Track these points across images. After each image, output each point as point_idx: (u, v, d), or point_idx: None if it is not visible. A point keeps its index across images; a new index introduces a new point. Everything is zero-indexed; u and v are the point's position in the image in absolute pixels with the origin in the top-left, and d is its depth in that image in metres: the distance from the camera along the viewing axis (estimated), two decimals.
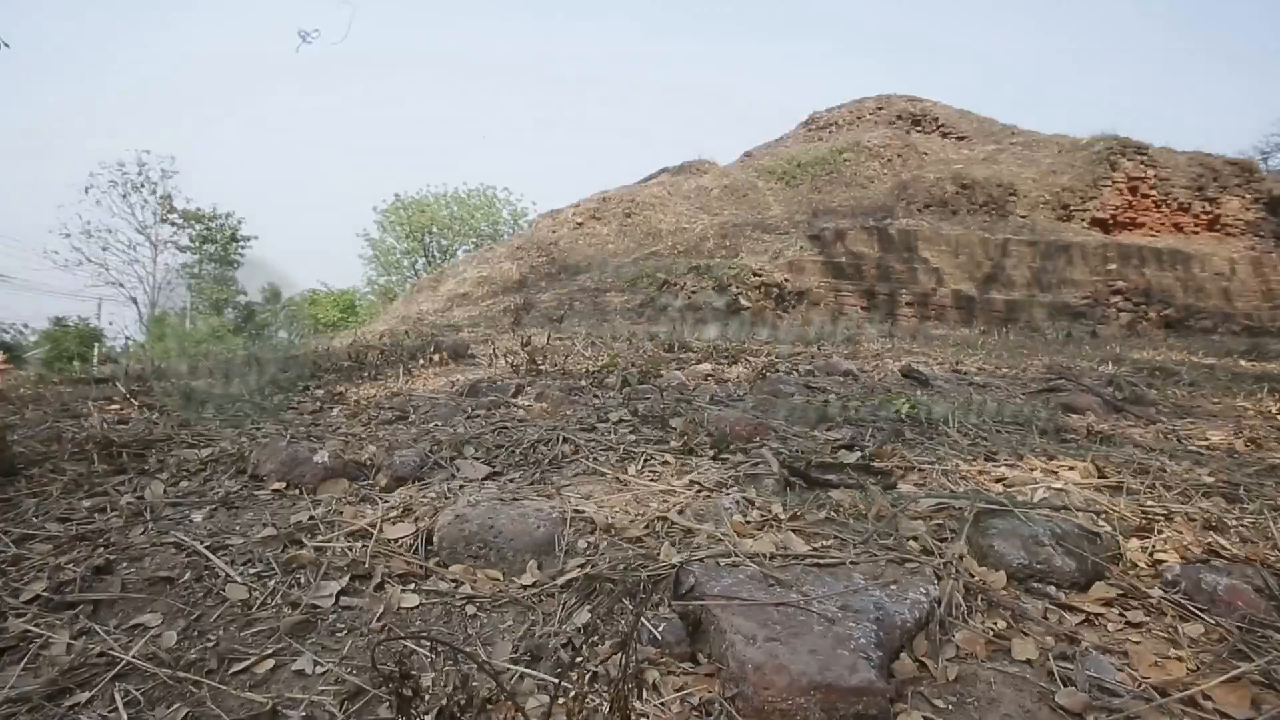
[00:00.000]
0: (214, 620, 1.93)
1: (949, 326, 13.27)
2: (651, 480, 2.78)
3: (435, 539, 2.31)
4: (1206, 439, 3.80)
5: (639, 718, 1.53)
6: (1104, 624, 1.99)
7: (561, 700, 1.11)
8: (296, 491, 2.89)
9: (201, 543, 2.29)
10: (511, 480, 2.88)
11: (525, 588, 2.07)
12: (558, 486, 2.73)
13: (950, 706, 1.66)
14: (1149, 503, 2.59)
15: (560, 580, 2.07)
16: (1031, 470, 2.91)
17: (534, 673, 1.70)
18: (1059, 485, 2.68)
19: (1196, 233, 18.99)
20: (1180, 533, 2.38)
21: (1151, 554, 2.30)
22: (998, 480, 2.81)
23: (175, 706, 1.59)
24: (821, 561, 2.10)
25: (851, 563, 2.11)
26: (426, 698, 1.03)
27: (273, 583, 2.11)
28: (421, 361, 5.87)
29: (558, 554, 2.23)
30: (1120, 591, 2.10)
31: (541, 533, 2.29)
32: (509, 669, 1.72)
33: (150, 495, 2.81)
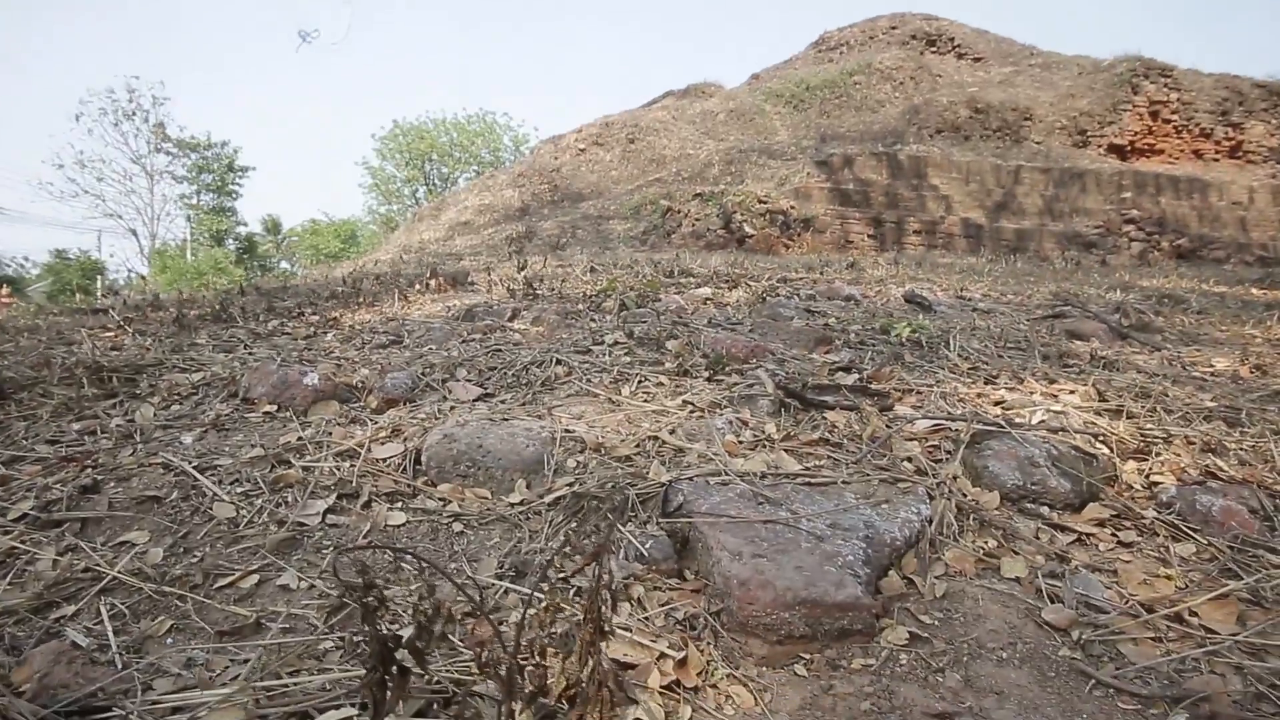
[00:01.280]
0: (200, 537, 1.93)
1: (956, 255, 13.04)
2: (645, 401, 2.74)
3: (423, 459, 2.29)
4: (1211, 365, 3.74)
5: (620, 630, 1.53)
6: (1095, 544, 1.98)
7: (534, 611, 1.09)
8: (287, 414, 2.88)
9: (190, 463, 2.28)
10: (503, 401, 2.85)
11: (513, 505, 2.06)
12: (549, 407, 2.70)
13: (936, 622, 1.66)
14: (1148, 426, 2.55)
15: (548, 498, 2.05)
16: (1031, 394, 2.87)
17: (517, 587, 1.69)
18: (1058, 408, 2.64)
19: (1217, 160, 18.41)
20: (1178, 455, 2.35)
21: (1148, 476, 2.27)
22: (997, 403, 2.77)
23: (160, 619, 1.59)
24: (813, 481, 2.08)
25: (843, 482, 2.09)
26: (394, 609, 1.01)
27: (260, 501, 2.10)
28: (418, 288, 5.78)
29: (546, 473, 2.21)
30: (1114, 512, 2.08)
31: (530, 452, 2.27)
32: (492, 584, 1.71)
33: (140, 418, 2.79)
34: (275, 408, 2.92)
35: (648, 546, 1.83)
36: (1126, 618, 1.64)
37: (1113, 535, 1.99)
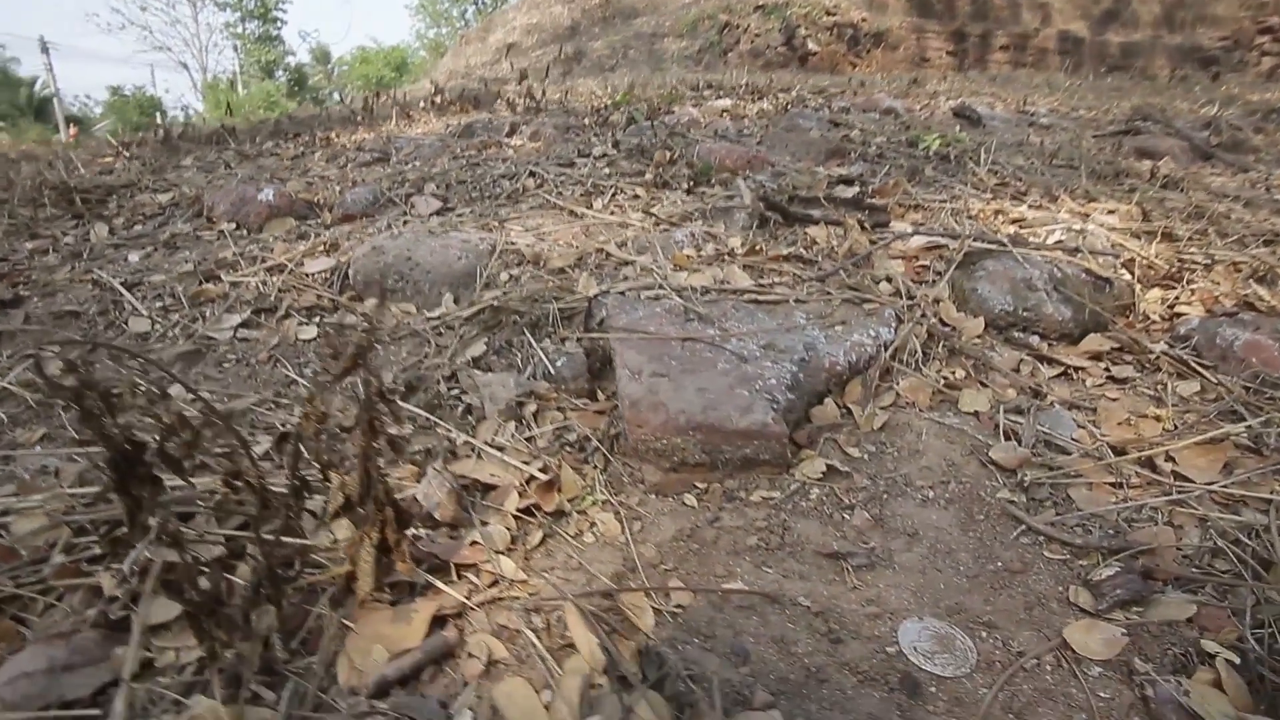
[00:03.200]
0: (109, 352, 1.86)
1: (1047, 74, 11.52)
2: (611, 214, 2.47)
3: (350, 273, 2.13)
4: None
5: (493, 449, 1.39)
6: (1083, 379, 1.70)
7: (302, 419, 0.94)
8: (243, 231, 2.74)
9: (119, 280, 2.19)
10: (460, 215, 2.63)
11: (429, 320, 1.90)
12: (503, 220, 2.47)
13: (865, 456, 1.46)
14: (1191, 250, 2.15)
15: (467, 313, 1.88)
16: (1060, 212, 2.46)
17: (410, 406, 1.56)
18: (1084, 227, 2.25)
19: None
20: (1216, 283, 1.98)
21: (1172, 305, 1.93)
22: (1014, 221, 2.39)
23: (36, 428, 1.53)
24: (763, 298, 1.83)
25: (798, 300, 1.83)
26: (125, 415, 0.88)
27: (176, 316, 2.00)
28: (423, 105, 5.42)
29: (477, 287, 2.02)
30: (1116, 345, 1.78)
31: (462, 265, 2.07)
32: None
33: (95, 237, 2.70)
34: (233, 225, 2.78)
35: (559, 364, 1.65)
36: (1088, 460, 1.41)
37: (1105, 370, 1.71)
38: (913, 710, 0.95)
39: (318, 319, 1.97)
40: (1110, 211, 2.47)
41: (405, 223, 2.58)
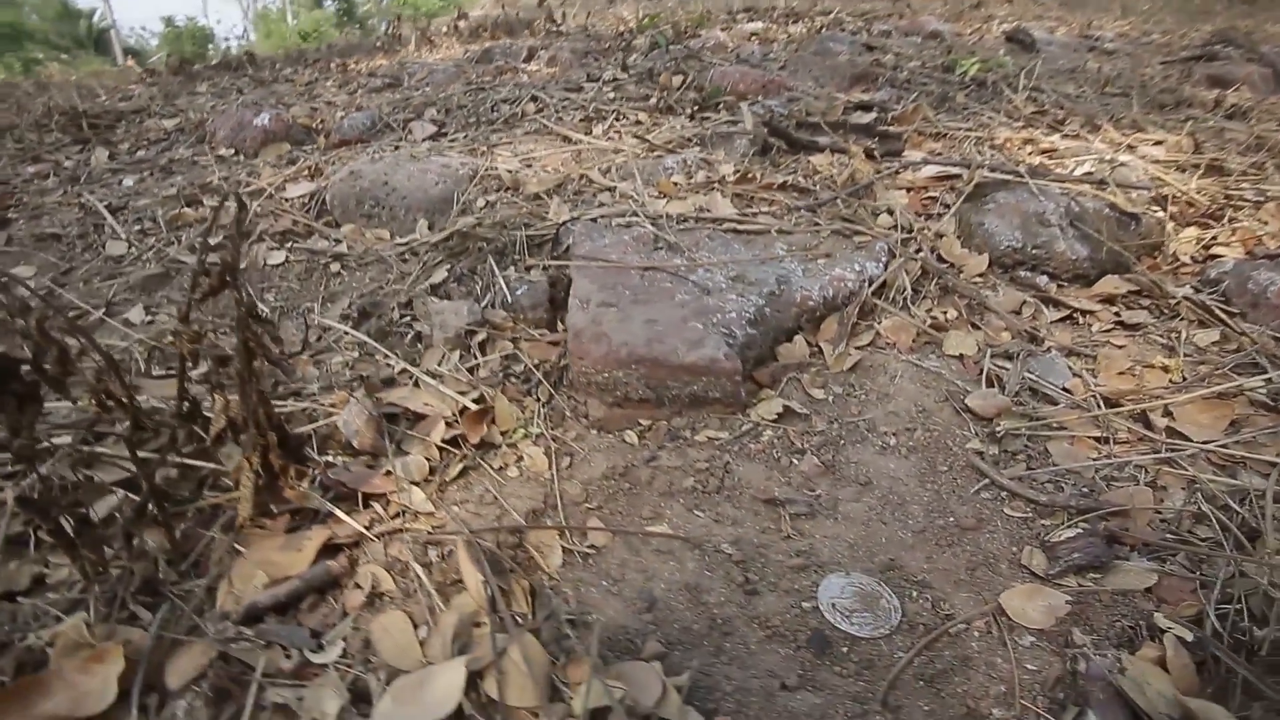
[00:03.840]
0: (82, 273, 1.85)
1: None
2: (607, 140, 2.34)
3: (328, 198, 2.07)
4: None
5: (430, 378, 1.33)
6: (1089, 324, 1.54)
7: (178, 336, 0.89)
8: (240, 156, 2.70)
9: (106, 203, 2.18)
10: (453, 140, 2.53)
11: (398, 245, 1.83)
12: (492, 145, 2.36)
13: (830, 398, 1.36)
14: (1242, 185, 1.92)
15: (435, 239, 1.80)
16: (1097, 142, 2.22)
17: (355, 333, 1.51)
18: (1121, 159, 2.02)
19: None
20: (1264, 222, 1.76)
21: (1207, 246, 1.73)
22: (1043, 152, 2.17)
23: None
24: (742, 228, 1.70)
25: (781, 231, 1.70)
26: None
27: (153, 240, 1.98)
28: (445, 31, 5.26)
29: (453, 213, 1.94)
30: (1134, 288, 1.61)
31: (439, 190, 1.99)
32: (333, 326, 1.54)
33: (94, 161, 2.70)
34: (232, 150, 2.75)
35: (519, 293, 1.57)
36: (1075, 412, 1.27)
37: (1115, 315, 1.54)
38: (815, 670, 0.88)
39: (289, 244, 1.92)
40: (1157, 143, 2.22)
41: (396, 148, 2.50)
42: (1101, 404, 1.28)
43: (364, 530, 1.01)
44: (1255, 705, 0.76)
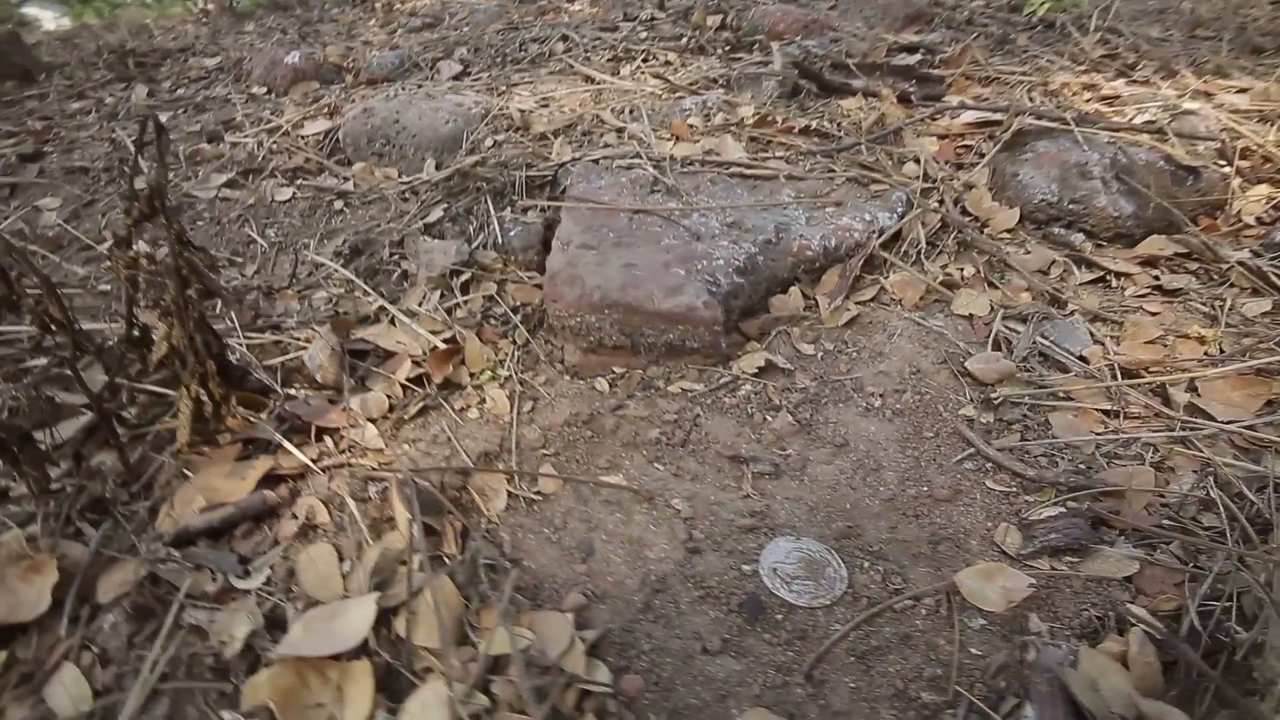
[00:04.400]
0: (102, 205, 1.90)
1: None
2: (631, 81, 2.25)
3: (340, 136, 2.05)
4: None
5: (406, 317, 1.31)
6: (1122, 288, 1.40)
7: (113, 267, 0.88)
8: (270, 95, 2.72)
9: (135, 139, 2.22)
10: (476, 79, 2.47)
11: (401, 184, 1.81)
12: (513, 84, 2.29)
13: (819, 354, 1.27)
14: None
15: (437, 178, 1.77)
16: (1167, 89, 2.00)
17: (341, 269, 1.50)
18: (1189, 106, 1.81)
19: None
20: None
21: (1279, 206, 1.54)
22: (1104, 99, 1.96)
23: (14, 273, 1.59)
24: (750, 172, 1.61)
25: (791, 177, 1.59)
26: None
27: (172, 175, 2.01)
28: None
29: (462, 152, 1.90)
30: (1182, 250, 1.44)
31: (449, 129, 1.95)
32: (326, 263, 1.53)
33: (134, 98, 2.76)
34: (264, 89, 2.77)
35: (512, 234, 1.53)
36: (1086, 381, 1.16)
37: (1154, 279, 1.39)
38: (743, 636, 0.83)
39: (298, 181, 1.92)
40: (1241, 90, 1.99)
41: (420, 87, 2.46)
42: (1118, 374, 1.16)
43: (310, 463, 1.01)
44: (1223, 713, 0.68)
